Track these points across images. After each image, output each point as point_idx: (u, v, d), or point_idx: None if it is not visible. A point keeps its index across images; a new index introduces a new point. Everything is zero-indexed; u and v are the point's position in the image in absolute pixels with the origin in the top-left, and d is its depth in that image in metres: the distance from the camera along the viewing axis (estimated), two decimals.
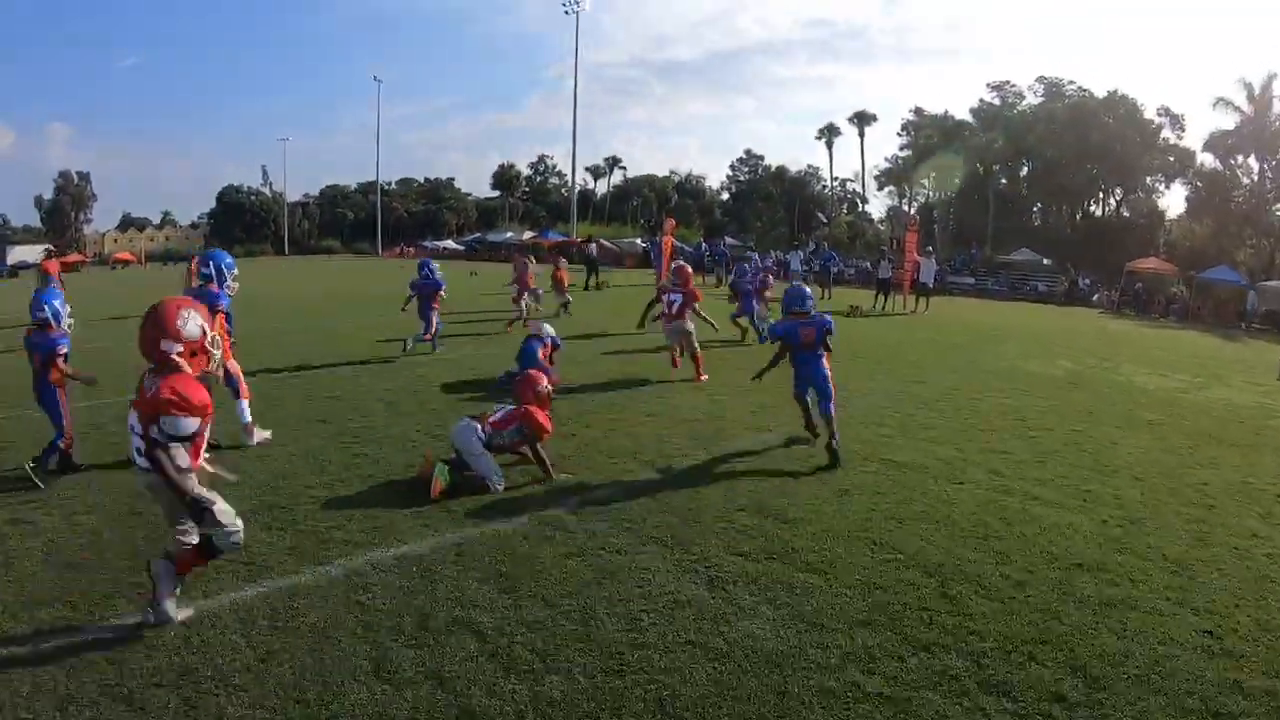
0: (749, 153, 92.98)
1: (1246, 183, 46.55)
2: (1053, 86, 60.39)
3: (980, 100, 64.63)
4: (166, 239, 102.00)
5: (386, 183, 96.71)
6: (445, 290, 12.85)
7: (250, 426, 7.09)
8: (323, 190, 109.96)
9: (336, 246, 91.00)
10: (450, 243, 77.57)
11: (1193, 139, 54.18)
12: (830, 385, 6.97)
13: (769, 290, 15.12)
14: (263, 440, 7.10)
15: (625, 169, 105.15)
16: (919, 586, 4.51)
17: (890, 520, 5.52)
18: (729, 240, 54.49)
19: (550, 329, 9.63)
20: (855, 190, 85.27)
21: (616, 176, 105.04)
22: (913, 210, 65.20)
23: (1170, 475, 6.96)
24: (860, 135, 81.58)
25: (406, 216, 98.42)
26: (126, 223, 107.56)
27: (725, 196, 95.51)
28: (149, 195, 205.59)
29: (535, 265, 19.27)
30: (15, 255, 62.02)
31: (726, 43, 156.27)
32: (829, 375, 7.05)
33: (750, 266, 16.34)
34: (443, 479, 5.72)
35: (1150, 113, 54.13)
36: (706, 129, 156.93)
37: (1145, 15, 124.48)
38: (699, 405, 8.92)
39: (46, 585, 4.35)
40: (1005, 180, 62.51)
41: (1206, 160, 49.35)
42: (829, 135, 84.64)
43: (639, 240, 55.51)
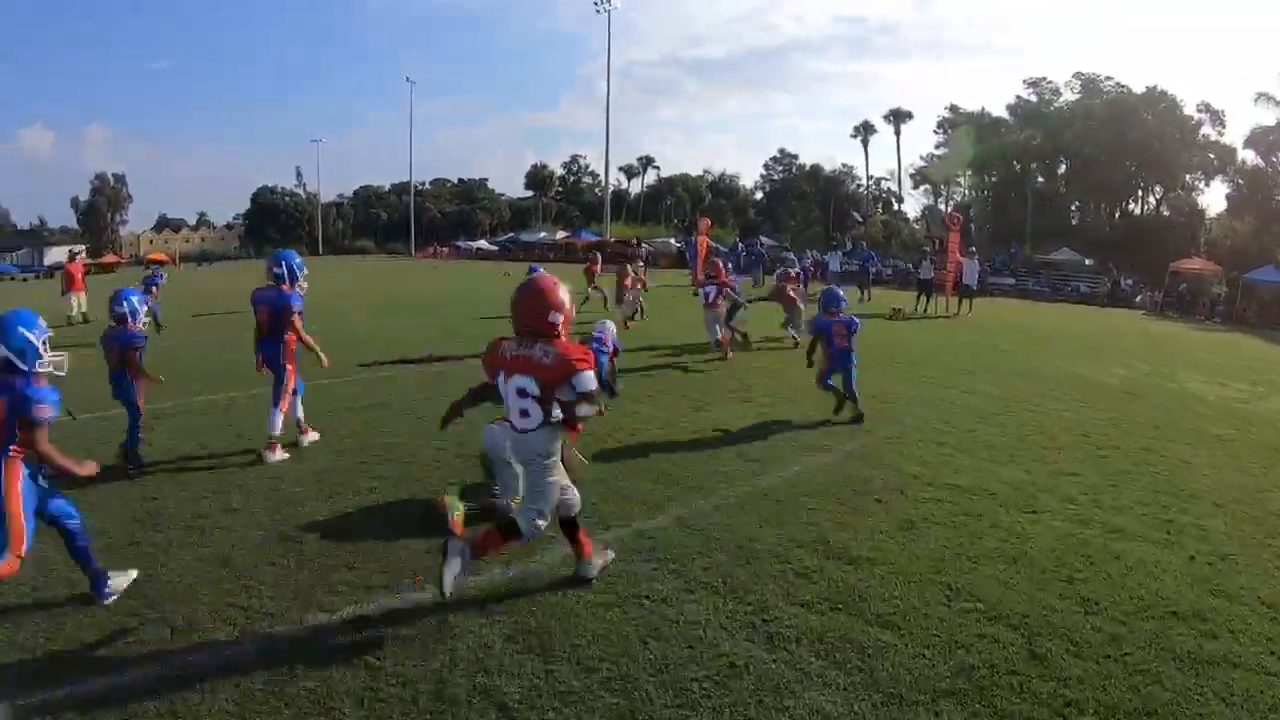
0: (783, 151, 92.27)
1: None
2: (1090, 82, 59.18)
3: (1017, 97, 63.52)
4: (202, 240, 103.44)
5: (420, 183, 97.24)
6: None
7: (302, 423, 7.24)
8: (356, 191, 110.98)
9: (370, 247, 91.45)
10: (483, 243, 77.44)
11: (1234, 135, 53.20)
12: (854, 370, 8.43)
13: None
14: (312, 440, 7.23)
15: (659, 168, 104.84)
16: (1005, 644, 3.89)
17: (963, 559, 4.89)
18: (765, 240, 53.72)
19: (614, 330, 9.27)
20: (890, 189, 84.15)
21: (650, 176, 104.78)
22: (948, 209, 63.94)
23: (1249, 500, 6.30)
24: (896, 133, 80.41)
25: (440, 217, 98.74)
26: (162, 224, 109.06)
27: (759, 196, 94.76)
28: (185, 197, 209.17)
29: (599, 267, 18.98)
30: (52, 256, 63.26)
31: (760, 40, 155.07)
32: (854, 363, 8.43)
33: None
34: (456, 511, 5.03)
35: (1190, 109, 52.98)
36: (740, 127, 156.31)
37: (1184, 10, 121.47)
38: (748, 421, 8.29)
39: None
40: (1043, 178, 61.17)
41: (1248, 157, 48.20)
42: (864, 133, 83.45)
43: (673, 240, 55.03)
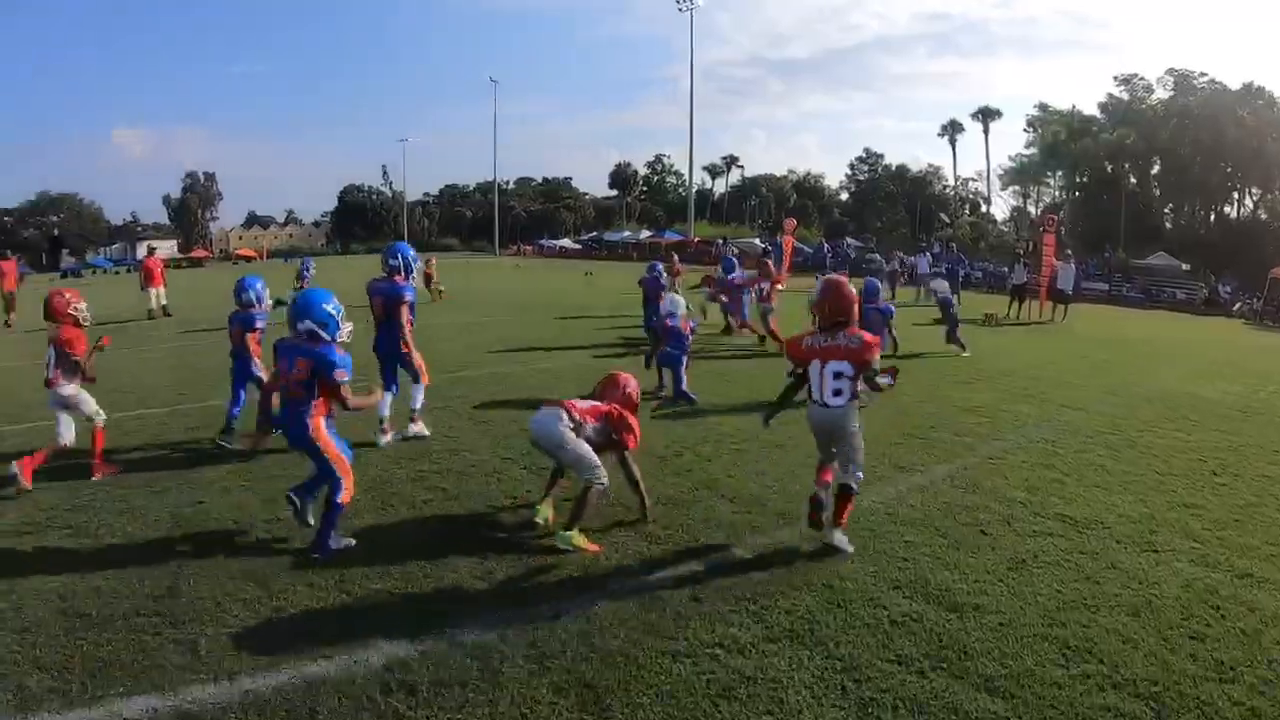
0: (868, 151, 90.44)
1: None
2: (1183, 79, 56.18)
3: (1108, 95, 60.53)
4: (290, 236, 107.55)
5: (504, 182, 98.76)
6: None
7: (416, 416, 7.23)
8: (442, 190, 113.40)
9: (455, 244, 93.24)
10: (567, 241, 77.89)
11: None
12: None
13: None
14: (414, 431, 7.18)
15: (743, 168, 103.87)
16: None
17: (1080, 608, 4.12)
18: (851, 241, 52.27)
19: (683, 304, 9.49)
20: (978, 190, 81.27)
21: (734, 176, 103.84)
22: (1037, 211, 61.22)
23: None
24: (984, 131, 77.64)
25: (524, 216, 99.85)
26: (251, 220, 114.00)
27: (844, 196, 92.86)
28: (274, 194, 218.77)
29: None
30: (144, 251, 66.40)
31: (842, 39, 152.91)
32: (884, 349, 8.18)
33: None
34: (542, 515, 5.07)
35: None
36: (823, 126, 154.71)
37: None
38: None
39: None
40: (1135, 179, 58.02)
41: None
42: (952, 132, 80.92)
43: (758, 240, 54.17)
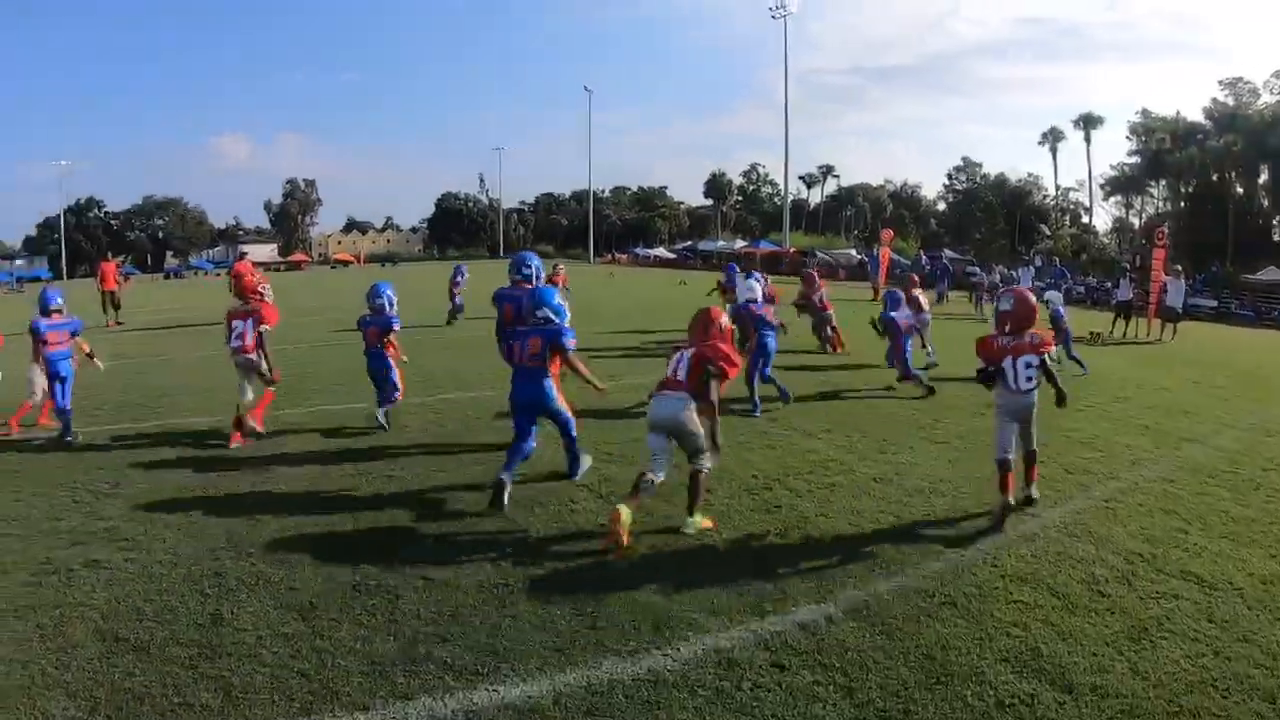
0: (966, 160, 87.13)
1: None
2: None
3: (1212, 100, 56.88)
4: (388, 242, 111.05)
5: (599, 190, 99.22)
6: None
7: None
8: (537, 198, 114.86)
9: (550, 252, 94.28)
10: (661, 250, 77.73)
11: None
12: (909, 353, 10.11)
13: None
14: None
15: (839, 177, 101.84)
16: None
17: (1211, 691, 3.42)
18: (949, 253, 50.35)
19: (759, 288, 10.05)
20: (1079, 200, 77.46)
21: (830, 185, 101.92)
22: (1140, 222, 57.89)
23: None
24: (1086, 139, 74.20)
25: (619, 224, 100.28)
26: (350, 225, 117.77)
27: (941, 206, 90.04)
28: (373, 200, 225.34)
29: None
30: (251, 254, 69.94)
31: (938, 45, 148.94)
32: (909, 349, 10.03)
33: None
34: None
35: None
36: (919, 134, 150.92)
37: None
38: (938, 466, 6.89)
39: None
40: (1241, 189, 54.18)
41: None
42: (1052, 139, 77.50)
43: (854, 251, 52.88)
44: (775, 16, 53.96)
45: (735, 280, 13.87)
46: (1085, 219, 76.74)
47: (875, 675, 3.52)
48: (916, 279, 14.32)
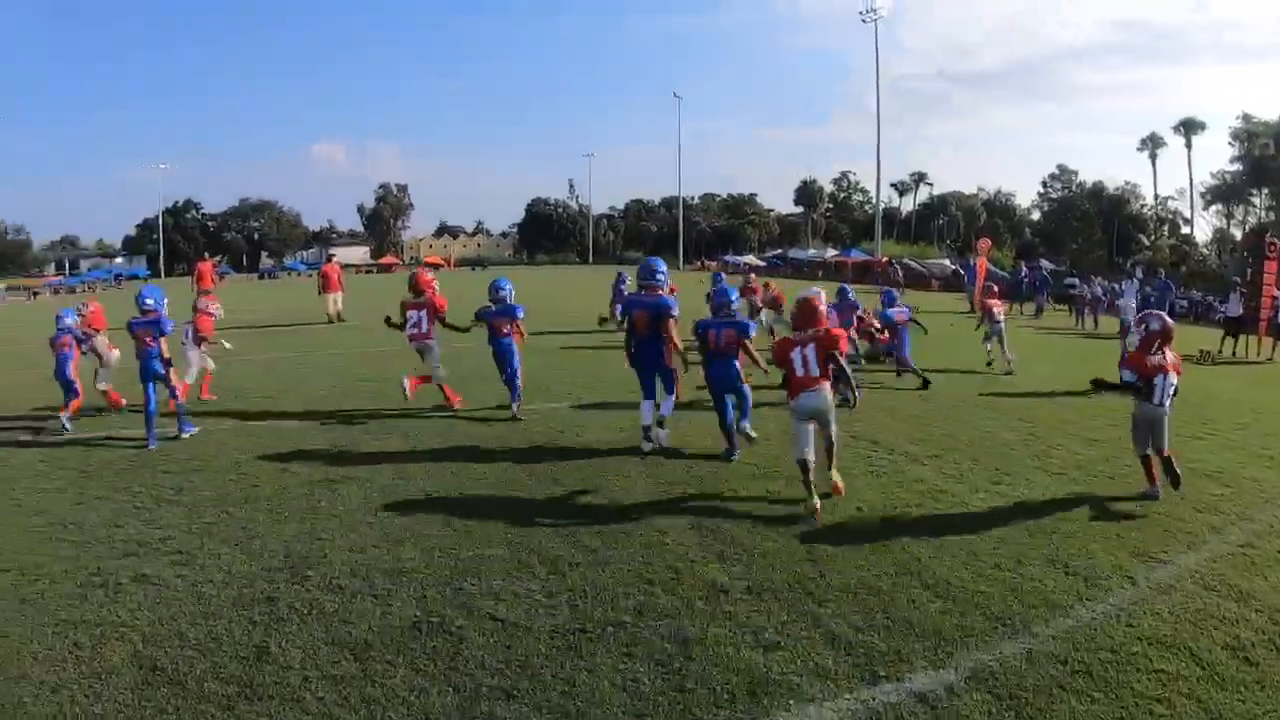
0: (1062, 168, 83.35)
1: None
2: None
3: None
4: (479, 246, 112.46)
5: (689, 197, 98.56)
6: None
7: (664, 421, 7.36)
8: (627, 204, 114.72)
9: (639, 257, 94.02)
10: (751, 258, 76.55)
11: None
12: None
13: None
14: (661, 439, 7.28)
15: (931, 185, 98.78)
16: None
17: None
18: (1046, 264, 48.06)
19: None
20: (1177, 210, 73.15)
21: (922, 193, 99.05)
22: (1240, 233, 54.23)
23: None
24: (1186, 145, 69.89)
25: (709, 231, 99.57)
26: (442, 229, 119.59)
27: (1035, 215, 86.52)
28: (465, 205, 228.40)
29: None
30: (338, 256, 72.09)
31: (1029, 50, 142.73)
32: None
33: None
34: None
35: None
36: (1012, 141, 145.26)
37: None
38: (1058, 502, 6.03)
39: None
40: None
41: None
42: (1151, 146, 73.36)
43: (947, 261, 51.05)
44: (865, 20, 52.74)
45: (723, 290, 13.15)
46: (1184, 229, 72.46)
47: None
48: (996, 289, 14.50)
